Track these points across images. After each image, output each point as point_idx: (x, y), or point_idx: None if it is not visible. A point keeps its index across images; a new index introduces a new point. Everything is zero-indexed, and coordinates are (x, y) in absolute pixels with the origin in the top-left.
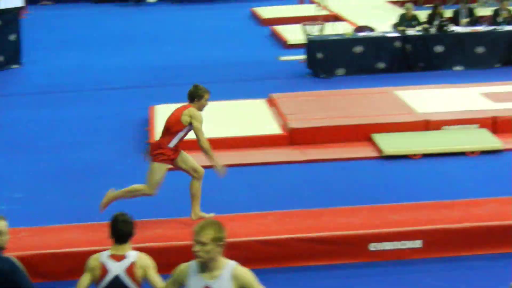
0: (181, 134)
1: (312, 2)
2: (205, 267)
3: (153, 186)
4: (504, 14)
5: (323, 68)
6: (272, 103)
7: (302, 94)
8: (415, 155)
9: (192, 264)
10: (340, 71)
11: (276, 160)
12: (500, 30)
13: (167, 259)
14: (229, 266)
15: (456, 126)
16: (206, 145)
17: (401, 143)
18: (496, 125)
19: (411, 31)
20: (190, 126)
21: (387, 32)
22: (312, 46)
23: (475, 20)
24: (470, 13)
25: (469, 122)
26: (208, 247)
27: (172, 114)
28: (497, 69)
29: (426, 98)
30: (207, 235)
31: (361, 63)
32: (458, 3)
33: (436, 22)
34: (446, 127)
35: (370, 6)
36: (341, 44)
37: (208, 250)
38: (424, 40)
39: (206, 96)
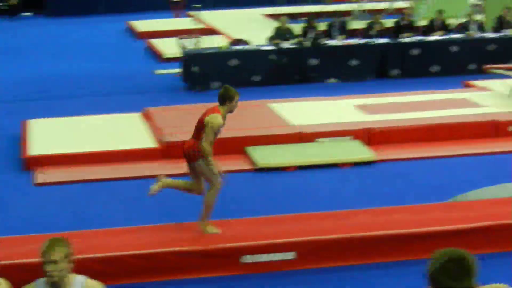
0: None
1: (188, 16)
2: (55, 285)
3: (217, 179)
4: (377, 27)
5: (199, 82)
6: (147, 117)
7: (177, 108)
8: (289, 167)
9: (39, 284)
10: (216, 84)
11: (150, 174)
12: (373, 43)
13: None
14: (79, 281)
15: (329, 138)
16: (207, 151)
17: (275, 155)
18: (369, 136)
19: (286, 44)
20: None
21: (262, 45)
22: (187, 59)
23: (349, 33)
24: (344, 26)
25: (342, 134)
26: (61, 265)
27: (201, 117)
28: (371, 81)
29: (300, 110)
30: (59, 252)
31: (236, 76)
32: (332, 17)
33: (310, 35)
34: (320, 139)
35: (245, 20)
36: (216, 58)
37: (62, 268)
38: (298, 53)
39: (237, 98)
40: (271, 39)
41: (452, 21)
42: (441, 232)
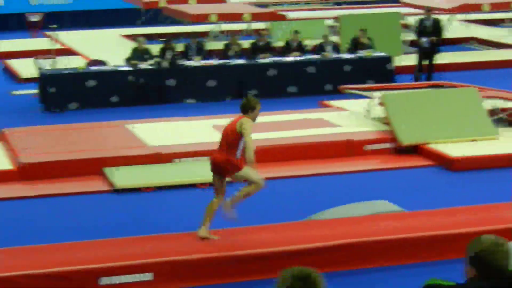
0: (241, 144)
1: (45, 36)
2: None
3: (259, 180)
4: (235, 48)
5: (56, 102)
6: (3, 139)
7: (34, 129)
8: (147, 188)
9: None
10: (73, 105)
11: (6, 196)
12: (230, 64)
13: None
14: None
15: (187, 159)
16: (251, 154)
17: (133, 176)
18: None
19: (143, 65)
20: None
21: (120, 66)
22: (44, 80)
23: (206, 54)
24: (201, 47)
25: (200, 155)
26: None
27: (228, 128)
28: (229, 102)
29: (157, 131)
30: None
31: (94, 97)
32: (189, 37)
33: (168, 56)
34: (177, 159)
35: (103, 40)
36: (73, 78)
37: None
38: (156, 74)
39: (258, 107)
40: (129, 60)
41: (308, 42)
42: (296, 250)
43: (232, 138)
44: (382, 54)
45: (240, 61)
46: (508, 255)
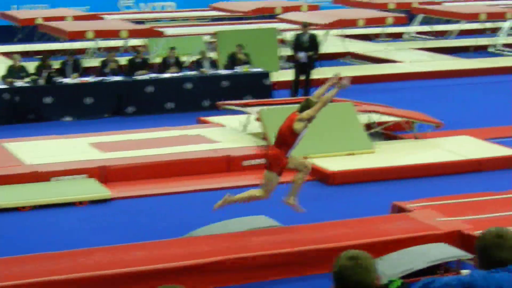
0: (296, 143)
1: None
2: None
3: (268, 192)
4: (112, 65)
5: None
6: None
7: None
8: (24, 207)
9: None
10: None
11: None
12: (108, 81)
13: None
14: None
15: (65, 177)
16: (324, 100)
17: (9, 195)
18: (104, 174)
19: (19, 83)
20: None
21: None
22: None
23: (83, 71)
24: (78, 64)
25: (78, 172)
26: None
27: (285, 125)
28: (106, 119)
29: (34, 149)
30: None
31: None
32: (66, 55)
33: (44, 74)
34: (55, 178)
35: None
36: None
37: None
38: (32, 92)
39: None
40: (4, 77)
41: (186, 59)
42: (173, 268)
43: (289, 138)
44: (260, 69)
45: (118, 78)
46: (367, 269)
